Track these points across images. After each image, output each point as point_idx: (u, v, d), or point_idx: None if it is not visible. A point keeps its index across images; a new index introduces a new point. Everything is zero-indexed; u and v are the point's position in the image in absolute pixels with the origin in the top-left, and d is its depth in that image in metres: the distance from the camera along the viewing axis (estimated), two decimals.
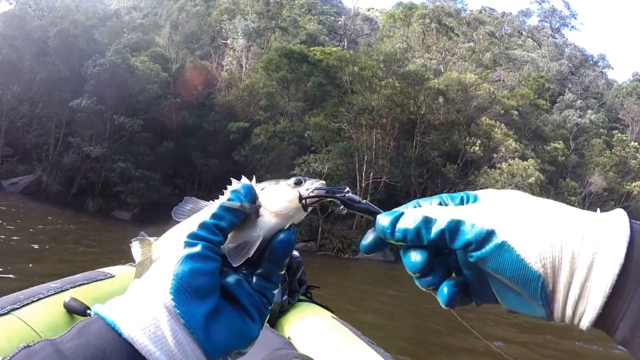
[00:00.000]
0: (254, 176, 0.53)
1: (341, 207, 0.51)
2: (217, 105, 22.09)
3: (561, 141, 31.32)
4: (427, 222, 0.44)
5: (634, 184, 30.24)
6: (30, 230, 11.41)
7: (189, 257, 0.42)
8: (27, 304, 1.31)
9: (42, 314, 1.30)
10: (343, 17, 44.62)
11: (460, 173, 24.19)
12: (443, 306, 0.46)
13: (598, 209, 0.43)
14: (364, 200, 0.51)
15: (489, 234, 0.41)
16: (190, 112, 21.32)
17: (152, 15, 28.00)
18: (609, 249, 0.37)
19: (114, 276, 1.80)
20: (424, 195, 22.94)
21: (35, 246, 9.17)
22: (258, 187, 0.51)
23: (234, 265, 0.46)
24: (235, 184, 0.50)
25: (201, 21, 23.16)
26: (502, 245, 0.40)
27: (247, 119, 21.58)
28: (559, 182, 28.38)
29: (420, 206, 0.48)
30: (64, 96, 20.17)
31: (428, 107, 24.58)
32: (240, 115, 21.84)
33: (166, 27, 21.61)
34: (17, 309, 1.26)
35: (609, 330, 0.38)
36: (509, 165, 23.39)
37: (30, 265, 7.07)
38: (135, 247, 0.55)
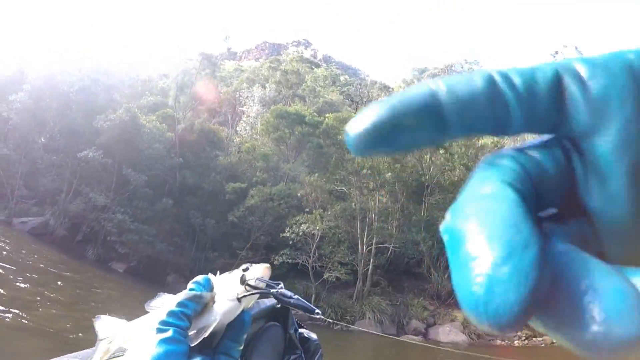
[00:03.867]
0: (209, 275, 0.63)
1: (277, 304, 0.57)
2: (219, 166, 23.10)
3: None
4: None
5: None
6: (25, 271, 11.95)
7: (163, 341, 0.47)
8: None
9: None
10: (358, 84, 45.93)
11: None
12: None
13: None
14: (295, 296, 0.58)
15: None
16: (192, 172, 22.41)
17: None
18: None
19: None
20: (436, 261, 22.65)
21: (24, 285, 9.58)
22: (215, 279, 0.59)
23: (191, 345, 0.50)
24: (198, 277, 0.58)
25: (208, 85, 24.52)
26: None
27: (246, 181, 22.39)
28: None
29: None
30: (79, 147, 21.71)
31: (436, 168, 24.49)
32: (241, 177, 22.69)
33: (173, 88, 23.14)
34: None
35: None
36: None
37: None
38: (99, 325, 0.61)
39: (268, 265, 0.62)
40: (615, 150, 0.22)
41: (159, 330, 0.49)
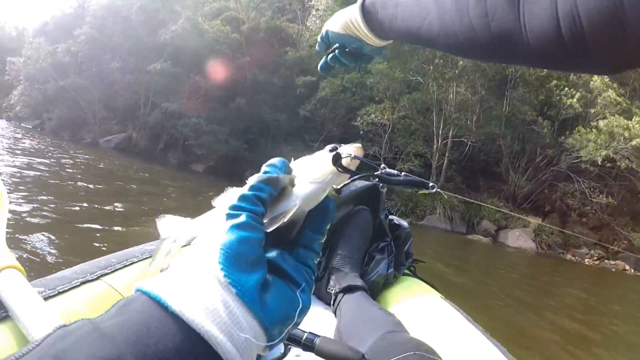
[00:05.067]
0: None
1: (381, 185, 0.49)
2: (288, 62, 22.53)
3: None
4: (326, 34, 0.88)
5: None
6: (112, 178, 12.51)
7: (235, 227, 0.41)
8: (119, 269, 1.21)
9: (135, 279, 1.18)
10: None
11: (556, 134, 20.53)
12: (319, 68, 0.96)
13: None
14: (403, 172, 0.50)
15: (327, 32, 0.88)
16: (262, 69, 22.03)
17: None
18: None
19: None
20: (515, 161, 21.13)
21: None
22: (294, 162, 0.52)
23: (266, 230, 0.44)
24: (273, 160, 0.50)
25: None
26: (331, 33, 0.87)
27: (317, 74, 21.72)
28: None
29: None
30: (150, 63, 22.11)
31: None
32: (312, 71, 22.00)
33: None
34: (107, 274, 1.16)
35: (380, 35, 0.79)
36: (608, 123, 18.84)
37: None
38: (162, 224, 0.56)
39: (360, 144, 0.51)
40: None
41: (230, 216, 0.42)
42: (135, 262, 1.27)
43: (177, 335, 0.33)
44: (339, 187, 0.50)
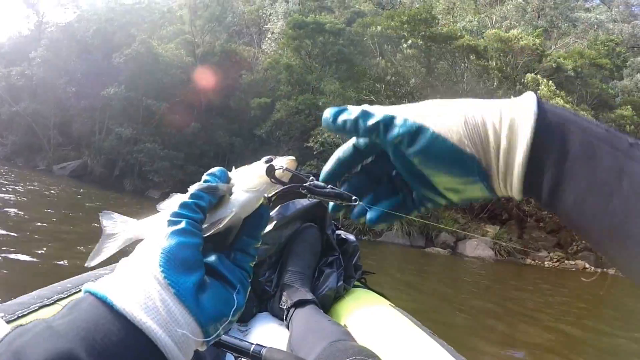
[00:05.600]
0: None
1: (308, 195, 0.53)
2: (243, 85, 22.64)
3: (629, 107, 27.16)
4: (365, 114, 0.48)
5: None
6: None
7: (175, 233, 0.44)
8: (75, 293, 1.27)
9: None
10: None
11: None
12: (367, 222, 0.53)
13: (512, 95, 0.47)
14: (329, 185, 0.52)
15: (420, 128, 0.44)
16: (217, 93, 22.08)
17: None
18: (522, 119, 0.40)
19: None
20: None
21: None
22: (234, 171, 0.55)
23: (203, 235, 0.47)
24: (213, 169, 0.55)
25: (224, 3, 23.77)
26: (436, 138, 0.44)
27: (271, 96, 21.88)
28: None
29: None
30: (104, 87, 21.90)
31: (473, 76, 22.95)
32: (266, 93, 22.17)
33: (186, 13, 22.73)
34: (63, 298, 1.21)
35: (538, 198, 0.42)
36: None
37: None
38: (106, 219, 0.60)
39: (293, 157, 0.55)
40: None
41: (171, 223, 0.46)
42: None
43: (121, 331, 0.37)
44: (270, 195, 0.53)
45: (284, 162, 0.53)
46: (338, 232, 2.08)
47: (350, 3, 31.06)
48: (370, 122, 0.47)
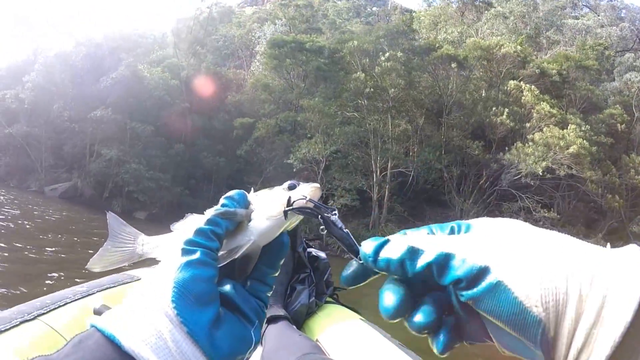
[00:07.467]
0: (252, 189, 0.56)
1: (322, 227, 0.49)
2: (228, 106, 23.08)
3: (618, 106, 26.79)
4: (413, 252, 0.40)
5: None
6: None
7: (189, 264, 0.42)
8: (54, 309, 1.27)
9: (69, 318, 1.25)
10: (375, 8, 44.07)
11: (494, 152, 21.09)
12: (437, 353, 0.42)
13: (608, 244, 0.39)
14: (346, 230, 0.48)
15: (482, 271, 0.36)
16: (201, 115, 22.56)
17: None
18: (622, 292, 0.32)
19: (140, 279, 1.73)
20: (458, 186, 21.57)
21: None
22: (253, 195, 0.53)
23: (218, 265, 0.45)
24: (231, 192, 0.52)
25: (207, 27, 24.28)
26: (498, 285, 0.35)
27: (254, 116, 22.25)
28: (622, 158, 23.06)
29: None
30: (92, 110, 22.46)
31: (456, 86, 23.06)
32: (250, 113, 22.54)
33: (170, 37, 23.23)
34: (43, 314, 1.22)
35: None
36: (543, 134, 19.52)
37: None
38: (112, 219, 0.58)
39: (318, 185, 0.52)
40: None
41: (185, 252, 0.43)
42: (69, 302, 1.33)
43: None
44: (291, 225, 0.51)
45: (307, 191, 0.50)
46: (309, 249, 2.11)
47: (341, 25, 31.43)
48: (420, 263, 0.39)
